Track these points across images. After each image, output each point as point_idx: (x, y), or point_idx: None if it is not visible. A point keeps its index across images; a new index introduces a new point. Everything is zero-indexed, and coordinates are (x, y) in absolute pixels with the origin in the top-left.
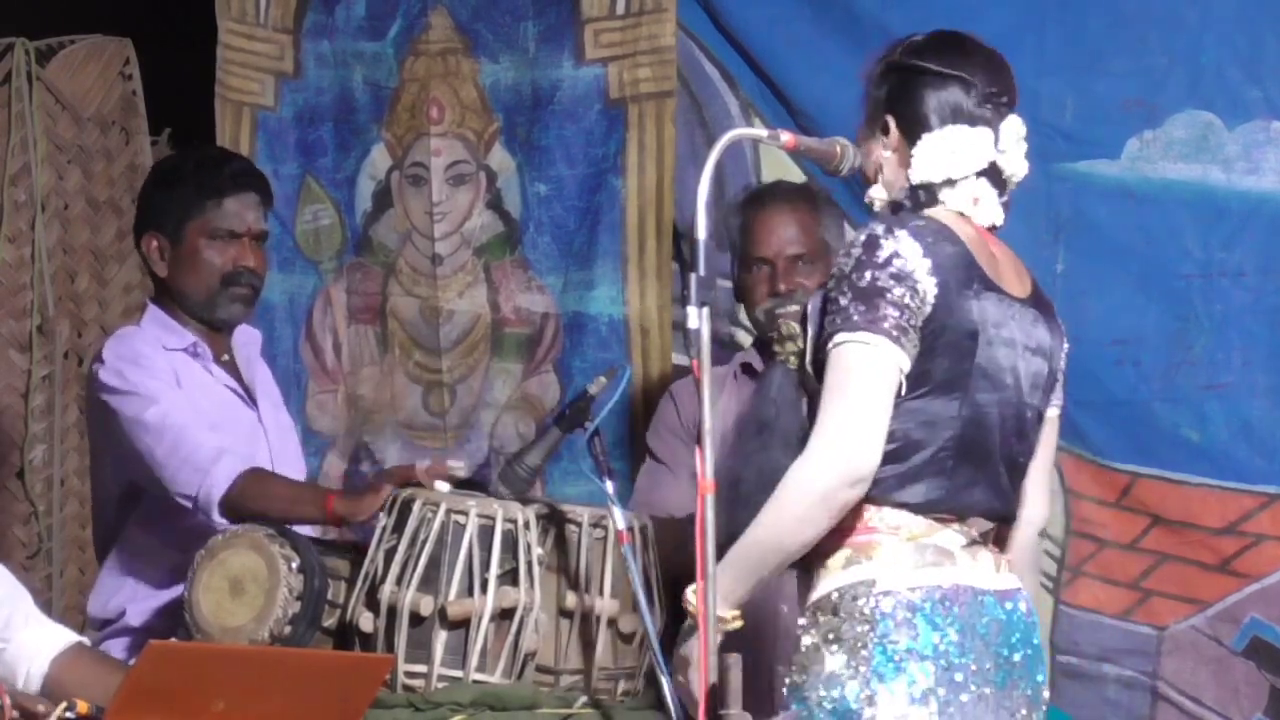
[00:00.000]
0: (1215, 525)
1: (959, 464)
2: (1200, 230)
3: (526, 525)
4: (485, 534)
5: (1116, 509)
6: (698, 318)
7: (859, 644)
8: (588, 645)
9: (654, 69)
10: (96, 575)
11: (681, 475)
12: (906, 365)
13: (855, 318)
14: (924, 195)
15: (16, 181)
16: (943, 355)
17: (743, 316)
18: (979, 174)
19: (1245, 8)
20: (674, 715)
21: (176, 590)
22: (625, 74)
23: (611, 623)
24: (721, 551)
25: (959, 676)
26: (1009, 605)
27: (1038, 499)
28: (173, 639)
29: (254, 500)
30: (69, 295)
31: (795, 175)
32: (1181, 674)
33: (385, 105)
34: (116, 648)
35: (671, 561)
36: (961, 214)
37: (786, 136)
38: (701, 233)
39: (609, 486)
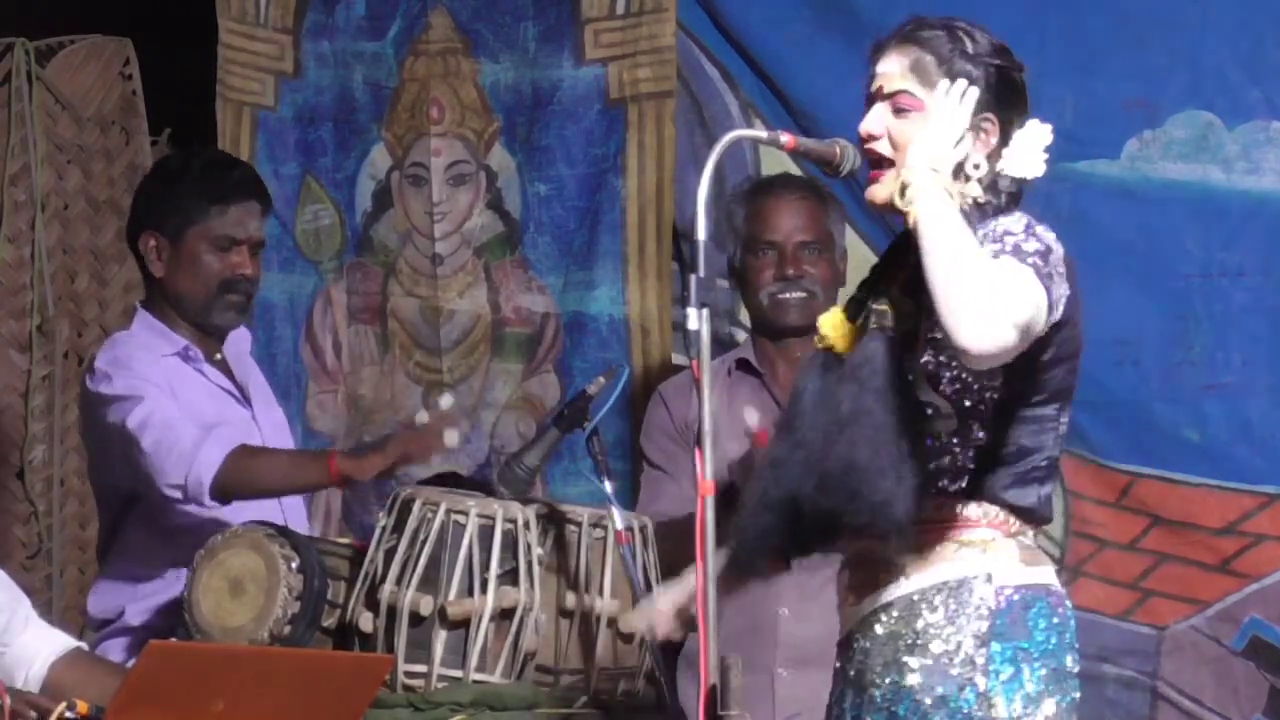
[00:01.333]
0: (1215, 525)
1: (1049, 476)
2: (1200, 230)
3: (526, 525)
4: (485, 534)
5: (1116, 509)
6: (698, 318)
7: (974, 639)
8: (588, 645)
9: (654, 69)
10: (96, 575)
11: (681, 479)
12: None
13: (1034, 260)
14: (1014, 194)
15: (16, 181)
16: (1060, 365)
17: (743, 316)
18: None
19: (1245, 8)
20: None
21: (175, 590)
22: (625, 74)
23: (611, 623)
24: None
25: (1065, 681)
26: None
27: None
28: (173, 639)
29: (247, 475)
30: (69, 295)
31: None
32: (1181, 674)
33: (385, 105)
34: (116, 648)
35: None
36: None
37: (786, 137)
38: (701, 233)
39: (608, 486)
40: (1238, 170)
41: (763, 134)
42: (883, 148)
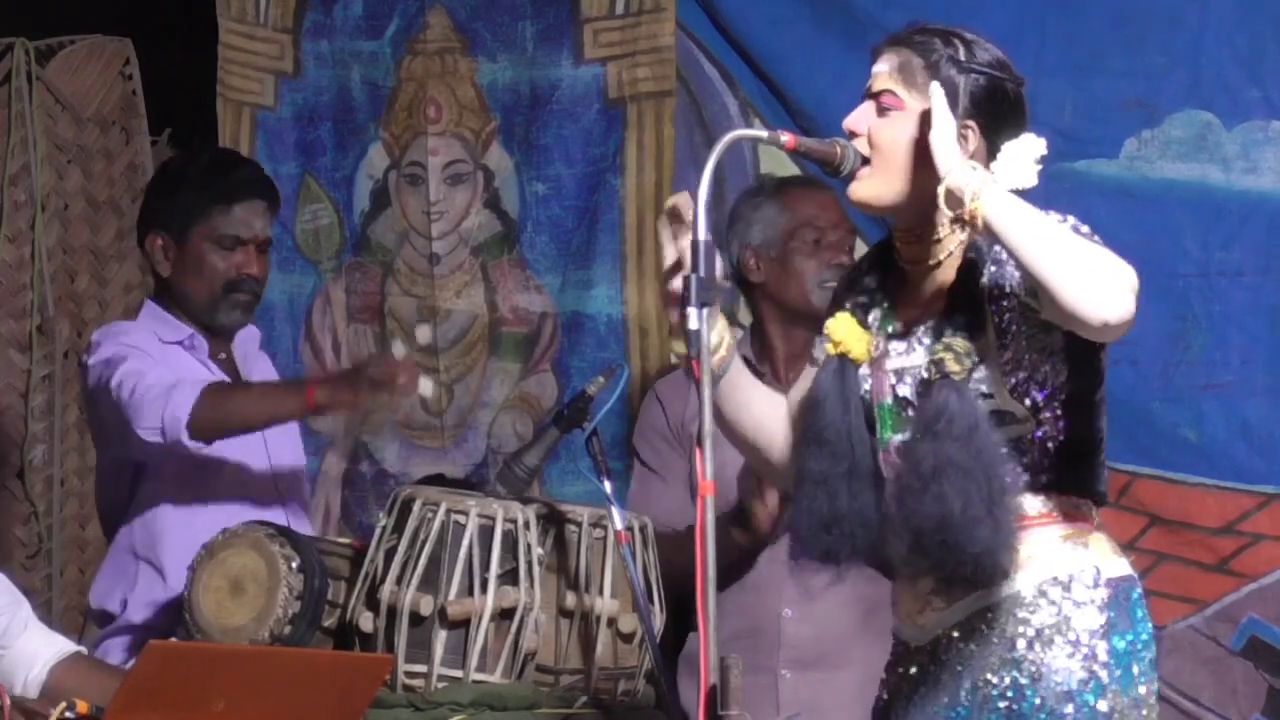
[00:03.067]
0: (1213, 525)
1: (1105, 458)
2: (1199, 230)
3: (526, 525)
4: (485, 534)
5: (1114, 509)
6: (698, 318)
7: (1091, 633)
8: (588, 645)
9: (653, 69)
10: (98, 568)
11: (673, 483)
12: None
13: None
14: None
15: (16, 181)
16: (1105, 347)
17: (743, 316)
18: None
19: (1245, 8)
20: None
21: (177, 585)
22: (624, 74)
23: (611, 623)
24: (723, 570)
25: (1154, 670)
26: None
27: None
28: (173, 639)
29: (223, 410)
30: (69, 295)
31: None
32: (1180, 674)
33: (383, 104)
34: (117, 648)
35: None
36: None
37: (787, 137)
38: (701, 233)
39: (607, 486)
40: (1236, 170)
41: (763, 134)
42: (862, 146)
